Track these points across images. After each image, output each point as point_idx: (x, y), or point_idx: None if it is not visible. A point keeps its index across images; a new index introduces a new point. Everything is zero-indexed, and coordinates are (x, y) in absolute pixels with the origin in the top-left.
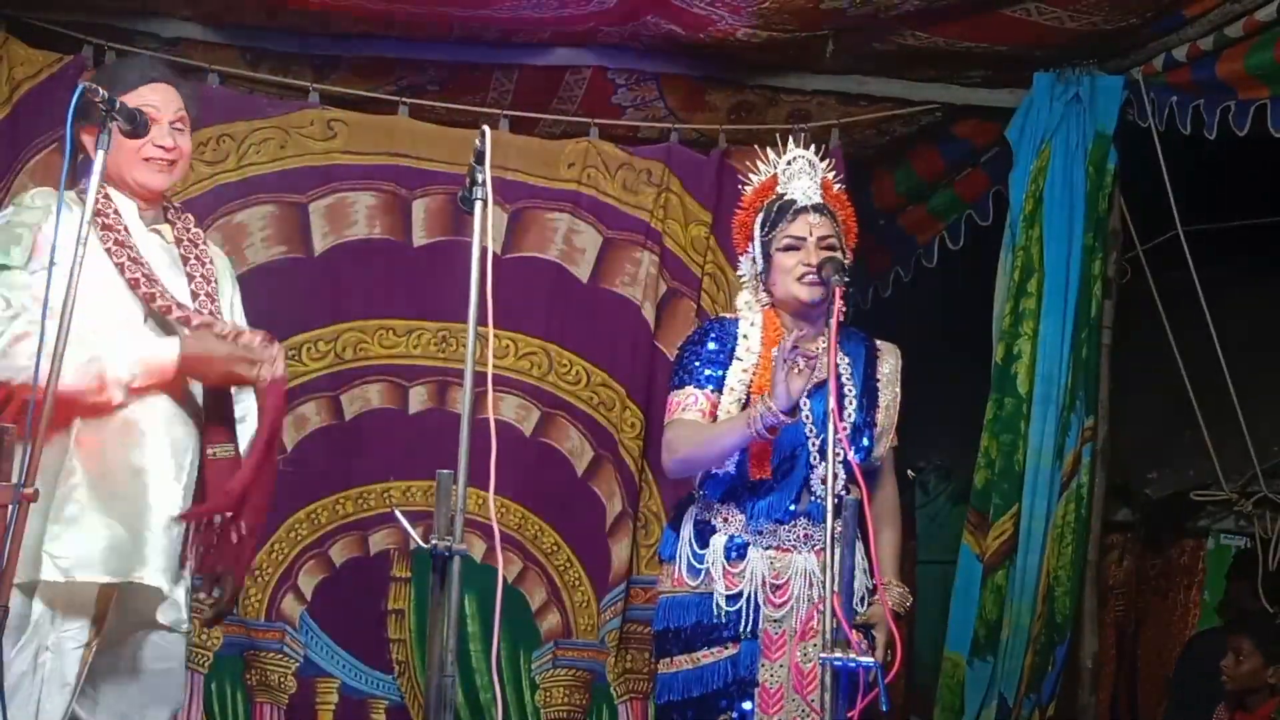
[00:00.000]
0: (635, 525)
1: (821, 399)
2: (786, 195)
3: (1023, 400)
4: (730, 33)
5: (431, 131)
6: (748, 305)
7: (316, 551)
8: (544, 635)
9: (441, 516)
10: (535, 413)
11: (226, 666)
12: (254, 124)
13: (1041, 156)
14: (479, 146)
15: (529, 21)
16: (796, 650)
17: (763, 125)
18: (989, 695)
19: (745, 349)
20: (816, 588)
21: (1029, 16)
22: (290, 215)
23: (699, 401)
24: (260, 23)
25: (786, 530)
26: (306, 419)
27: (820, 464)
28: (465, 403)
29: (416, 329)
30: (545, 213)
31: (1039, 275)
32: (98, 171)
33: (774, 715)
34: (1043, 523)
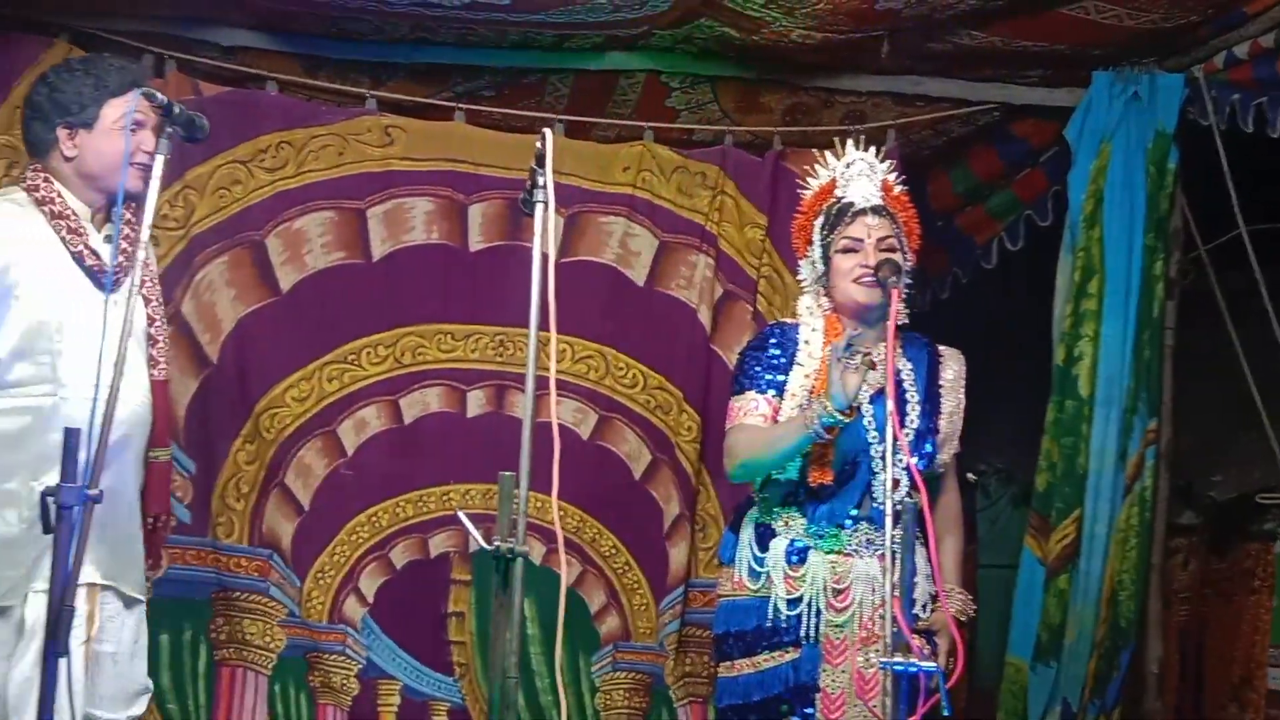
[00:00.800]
0: (693, 528)
1: (884, 404)
2: (845, 198)
3: (1084, 402)
4: (785, 35)
5: (487, 137)
6: (809, 310)
7: (378, 554)
8: (603, 638)
9: (504, 519)
10: (592, 416)
11: (290, 668)
12: (313, 131)
13: (1101, 156)
14: (540, 149)
15: (583, 26)
16: (858, 656)
17: (818, 127)
18: (1052, 700)
19: (807, 354)
20: (879, 593)
21: (1087, 15)
22: (349, 221)
23: (760, 407)
24: (318, 30)
25: (848, 535)
26: (367, 423)
27: (882, 470)
28: (527, 407)
29: (474, 333)
30: (601, 216)
31: (1100, 276)
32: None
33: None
34: (1106, 526)
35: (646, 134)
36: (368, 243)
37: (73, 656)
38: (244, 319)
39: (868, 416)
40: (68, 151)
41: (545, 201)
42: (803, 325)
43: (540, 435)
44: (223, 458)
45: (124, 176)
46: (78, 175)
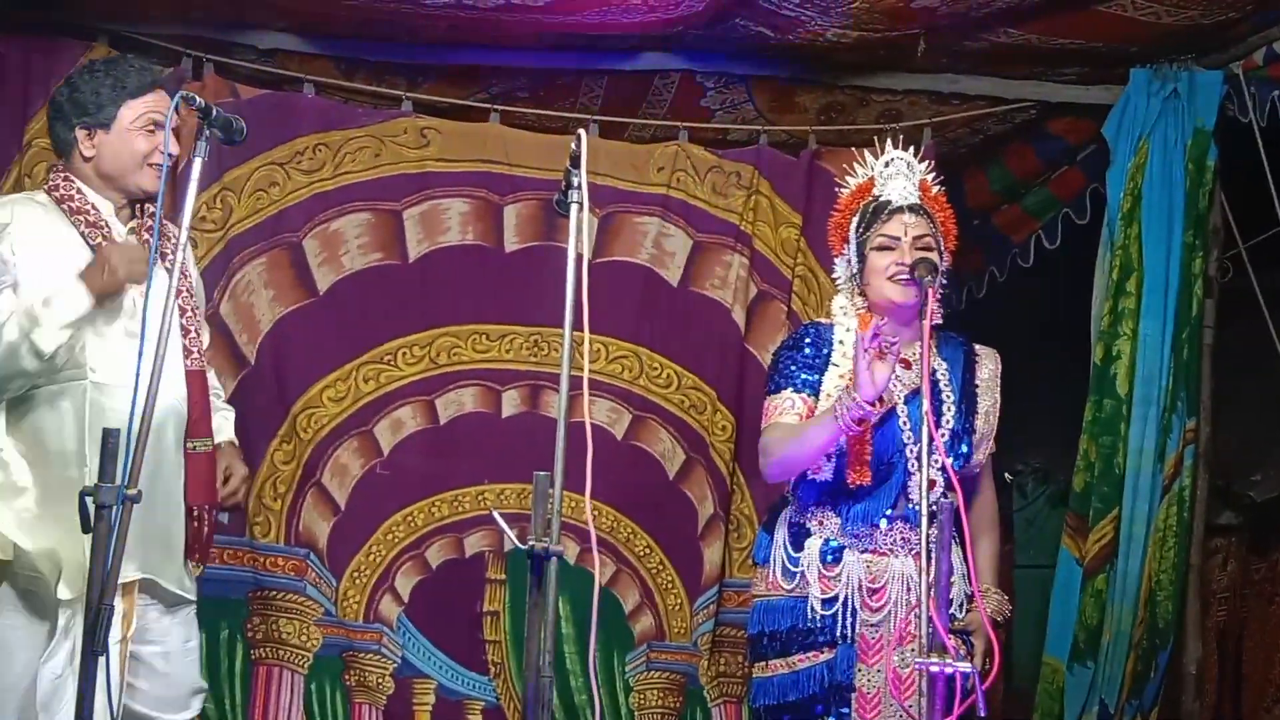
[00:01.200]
0: (727, 528)
1: (919, 404)
2: (883, 196)
3: (1122, 401)
4: (820, 33)
5: (522, 138)
6: (843, 310)
7: (413, 553)
8: (637, 637)
9: (539, 518)
10: (626, 416)
11: (325, 667)
12: (349, 133)
13: (1139, 153)
14: (575, 150)
15: (617, 27)
16: (894, 655)
17: (853, 126)
18: (1089, 701)
19: (841, 354)
20: (914, 592)
21: (1124, 11)
22: (385, 222)
23: (795, 405)
24: (354, 33)
25: (883, 534)
26: (403, 423)
27: (918, 471)
28: (561, 406)
29: (509, 333)
30: (635, 217)
31: (1138, 274)
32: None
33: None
34: (1144, 526)
35: (681, 134)
36: (404, 244)
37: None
38: (281, 320)
39: (902, 417)
40: (86, 151)
41: (580, 202)
42: (837, 325)
43: (575, 435)
44: (260, 457)
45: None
46: (97, 175)
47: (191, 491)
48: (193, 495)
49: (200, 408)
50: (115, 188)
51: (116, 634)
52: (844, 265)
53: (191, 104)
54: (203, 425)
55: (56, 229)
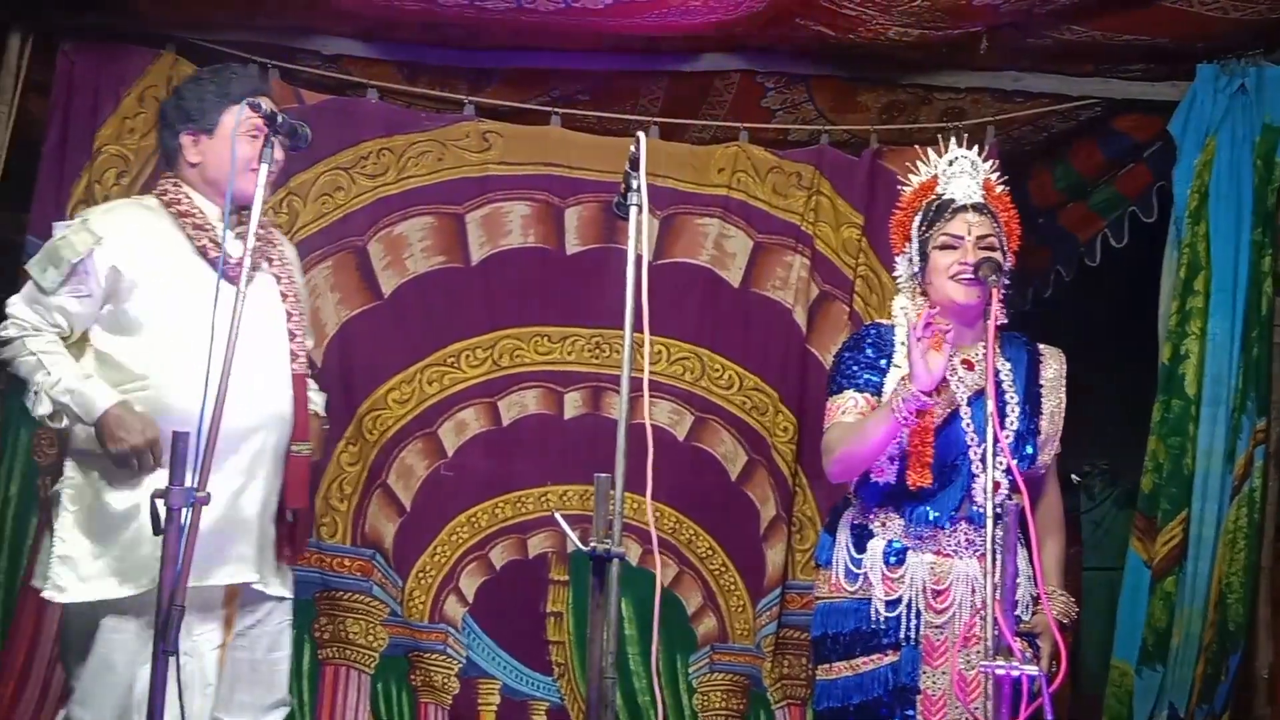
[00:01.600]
0: (790, 530)
1: (983, 406)
2: (946, 194)
3: (1191, 402)
4: (881, 32)
5: (583, 140)
6: (904, 310)
7: (478, 554)
8: (700, 639)
9: (600, 520)
10: (688, 417)
11: (392, 667)
12: (412, 137)
13: (1206, 150)
14: (634, 153)
15: (677, 28)
16: (959, 657)
17: (915, 125)
18: (1158, 705)
19: (904, 355)
20: (979, 594)
21: (1190, 7)
22: (448, 226)
23: (858, 404)
24: (417, 38)
25: (947, 535)
26: (466, 424)
27: (982, 473)
28: (622, 408)
29: (571, 335)
30: (696, 218)
31: (1206, 273)
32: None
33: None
34: (1213, 528)
35: (741, 135)
36: (466, 247)
37: (205, 660)
38: (347, 323)
39: (966, 418)
40: (191, 158)
41: (639, 205)
42: (898, 326)
43: (636, 437)
44: (326, 459)
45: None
46: (202, 180)
47: (289, 494)
48: (290, 498)
49: (305, 411)
50: (220, 192)
51: (217, 639)
52: (905, 264)
53: (257, 110)
54: (304, 429)
55: (163, 231)
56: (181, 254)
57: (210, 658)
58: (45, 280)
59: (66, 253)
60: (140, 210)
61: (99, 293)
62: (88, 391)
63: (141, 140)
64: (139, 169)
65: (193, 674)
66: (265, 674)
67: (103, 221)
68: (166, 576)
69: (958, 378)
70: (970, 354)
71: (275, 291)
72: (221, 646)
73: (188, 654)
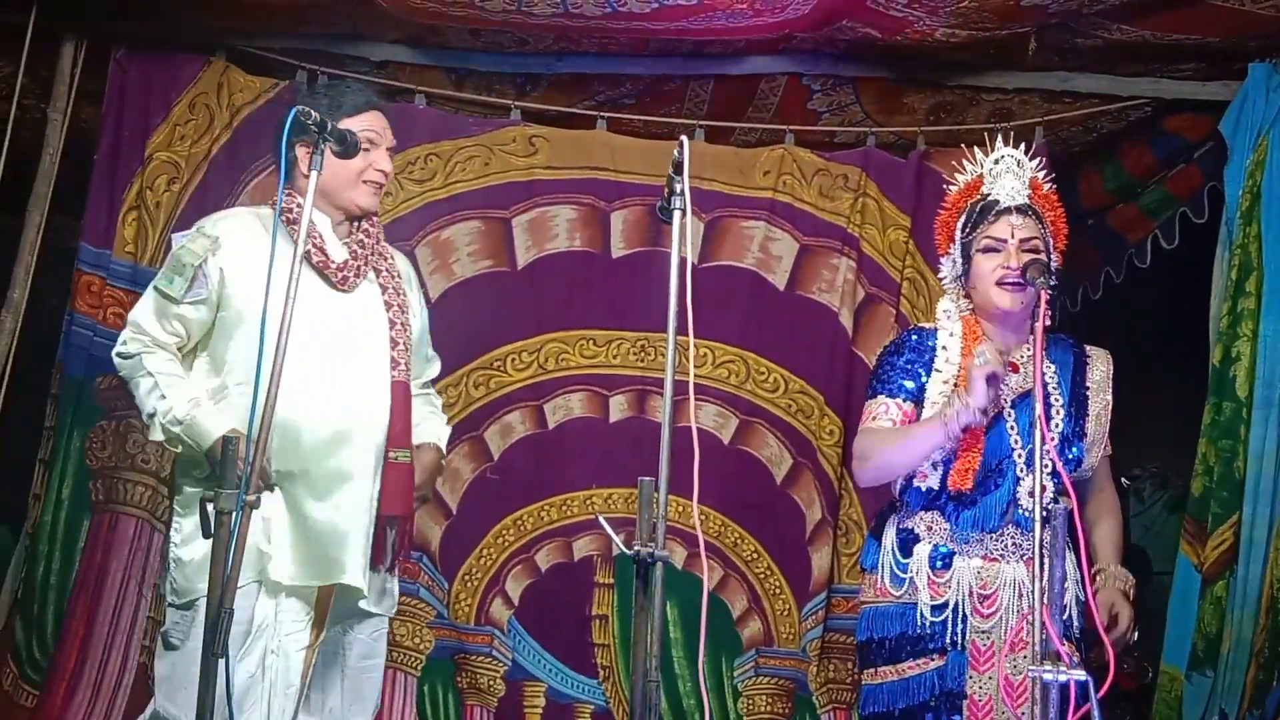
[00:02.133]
0: (835, 534)
1: (1027, 408)
2: (990, 195)
3: (1242, 404)
4: (928, 33)
5: (629, 144)
6: (947, 314)
7: (523, 557)
8: (745, 643)
9: (644, 523)
10: (733, 420)
11: (438, 669)
12: (459, 142)
13: (1259, 150)
14: (677, 157)
15: (723, 32)
16: (1006, 662)
17: (963, 125)
18: (1209, 711)
19: (945, 360)
20: (1025, 598)
21: (1242, 6)
22: (495, 230)
23: (890, 410)
24: (464, 44)
25: (994, 539)
26: (512, 427)
27: (1027, 476)
28: (666, 411)
29: (616, 339)
30: (741, 221)
31: (1258, 274)
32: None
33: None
34: (1265, 531)
35: (787, 137)
36: (513, 251)
37: (291, 660)
38: None
39: (1010, 420)
40: (305, 169)
41: (683, 209)
42: (940, 330)
43: (681, 440)
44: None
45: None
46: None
47: (386, 501)
48: (387, 505)
49: (403, 418)
50: (332, 203)
51: (305, 640)
52: (950, 266)
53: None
54: (404, 436)
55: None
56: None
57: (296, 659)
58: (174, 290)
59: (188, 259)
60: (252, 218)
61: (213, 298)
62: (200, 420)
63: (192, 147)
64: (190, 175)
65: (278, 673)
66: (354, 681)
67: (217, 226)
68: (217, 579)
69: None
70: (1015, 356)
71: (379, 301)
72: (309, 648)
73: (274, 653)
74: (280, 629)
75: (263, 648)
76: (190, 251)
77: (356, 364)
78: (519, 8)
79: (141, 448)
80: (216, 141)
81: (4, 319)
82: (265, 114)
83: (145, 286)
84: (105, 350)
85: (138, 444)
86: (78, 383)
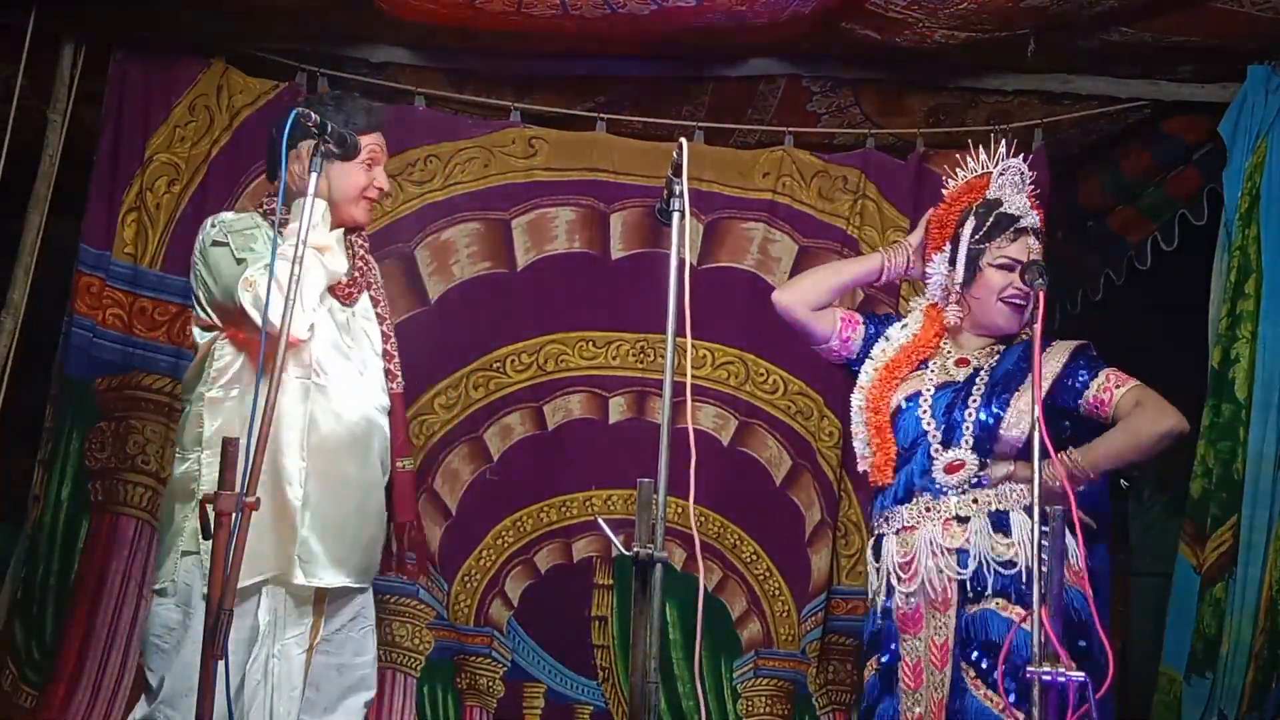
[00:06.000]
0: (835, 535)
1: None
2: (1006, 209)
3: (1241, 406)
4: (928, 35)
5: (628, 146)
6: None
7: (523, 558)
8: (745, 644)
9: (643, 524)
10: (733, 422)
11: (438, 670)
12: (459, 144)
13: (1257, 152)
14: (676, 159)
15: (723, 34)
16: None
17: (962, 127)
18: (1208, 713)
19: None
20: (941, 557)
21: (1240, 7)
22: (494, 231)
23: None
24: (463, 45)
25: (908, 509)
26: (511, 429)
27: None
28: (664, 412)
29: (615, 340)
30: (741, 222)
31: (1257, 276)
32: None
33: (916, 690)
34: (1264, 533)
35: (787, 139)
36: (512, 252)
37: (293, 663)
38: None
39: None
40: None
41: (682, 211)
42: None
43: (680, 441)
44: None
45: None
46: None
47: (399, 508)
48: (400, 512)
49: (403, 428)
50: (335, 216)
51: (306, 642)
52: (942, 264)
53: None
54: (406, 445)
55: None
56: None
57: (298, 660)
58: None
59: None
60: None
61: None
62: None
63: (192, 149)
64: (190, 177)
65: (281, 676)
66: (350, 678)
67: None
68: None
69: (941, 366)
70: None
71: (373, 313)
72: (309, 649)
73: (276, 656)
74: (284, 632)
75: (267, 653)
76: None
77: (364, 376)
78: (518, 9)
79: (141, 449)
80: (216, 143)
81: (4, 319)
82: (265, 116)
83: (145, 288)
84: (105, 351)
85: (137, 445)
86: (77, 384)
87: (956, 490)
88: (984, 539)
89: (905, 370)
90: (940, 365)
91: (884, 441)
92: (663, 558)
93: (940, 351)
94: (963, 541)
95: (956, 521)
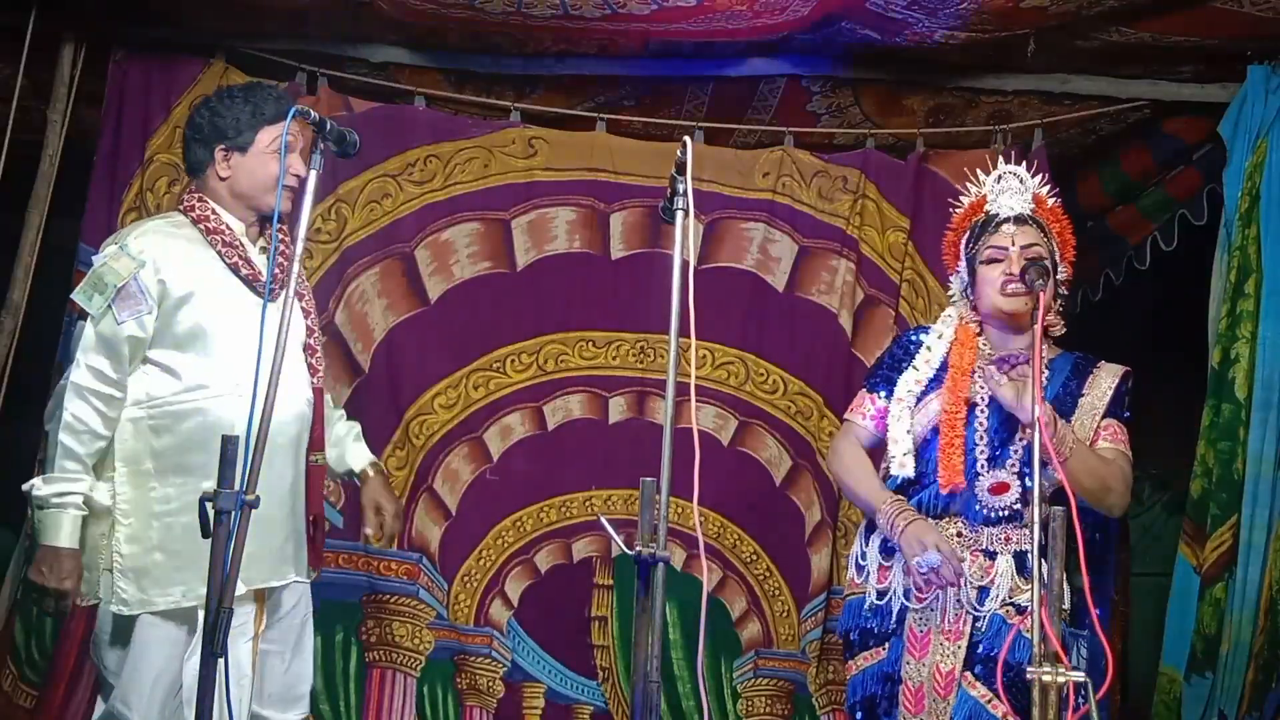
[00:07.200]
0: (835, 535)
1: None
2: (990, 208)
3: (1241, 406)
4: (928, 35)
5: (628, 146)
6: (946, 318)
7: (523, 558)
8: (745, 644)
9: (645, 524)
10: (733, 422)
11: (438, 670)
12: (459, 144)
13: (1257, 152)
14: (680, 158)
15: (723, 34)
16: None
17: (962, 128)
18: (1208, 713)
19: (924, 359)
20: (963, 589)
21: (1240, 7)
22: (494, 231)
23: (864, 405)
24: (463, 45)
25: (941, 528)
26: (512, 429)
27: (988, 473)
28: (667, 413)
29: (615, 340)
30: (740, 223)
31: (1257, 275)
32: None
33: (916, 715)
34: (1264, 533)
35: (787, 139)
36: (512, 252)
37: (240, 651)
38: (394, 328)
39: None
40: (222, 172)
41: (685, 209)
42: (932, 330)
43: (681, 441)
44: None
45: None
46: (231, 194)
47: (313, 502)
48: (314, 506)
49: (322, 423)
50: (247, 206)
51: (250, 630)
52: (958, 282)
53: (307, 118)
54: (322, 440)
55: (196, 253)
56: (215, 270)
57: (244, 649)
58: (92, 306)
59: (110, 278)
60: (172, 229)
61: (155, 309)
62: (47, 523)
63: None
64: None
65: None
66: (294, 665)
67: (139, 243)
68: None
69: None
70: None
71: (298, 309)
72: (255, 637)
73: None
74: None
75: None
76: (112, 271)
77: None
78: (518, 9)
79: None
80: None
81: (4, 319)
82: None
83: None
84: None
85: None
86: None
87: (994, 519)
88: (1007, 581)
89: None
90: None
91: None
92: (665, 557)
93: (981, 354)
94: (987, 581)
95: (985, 556)
